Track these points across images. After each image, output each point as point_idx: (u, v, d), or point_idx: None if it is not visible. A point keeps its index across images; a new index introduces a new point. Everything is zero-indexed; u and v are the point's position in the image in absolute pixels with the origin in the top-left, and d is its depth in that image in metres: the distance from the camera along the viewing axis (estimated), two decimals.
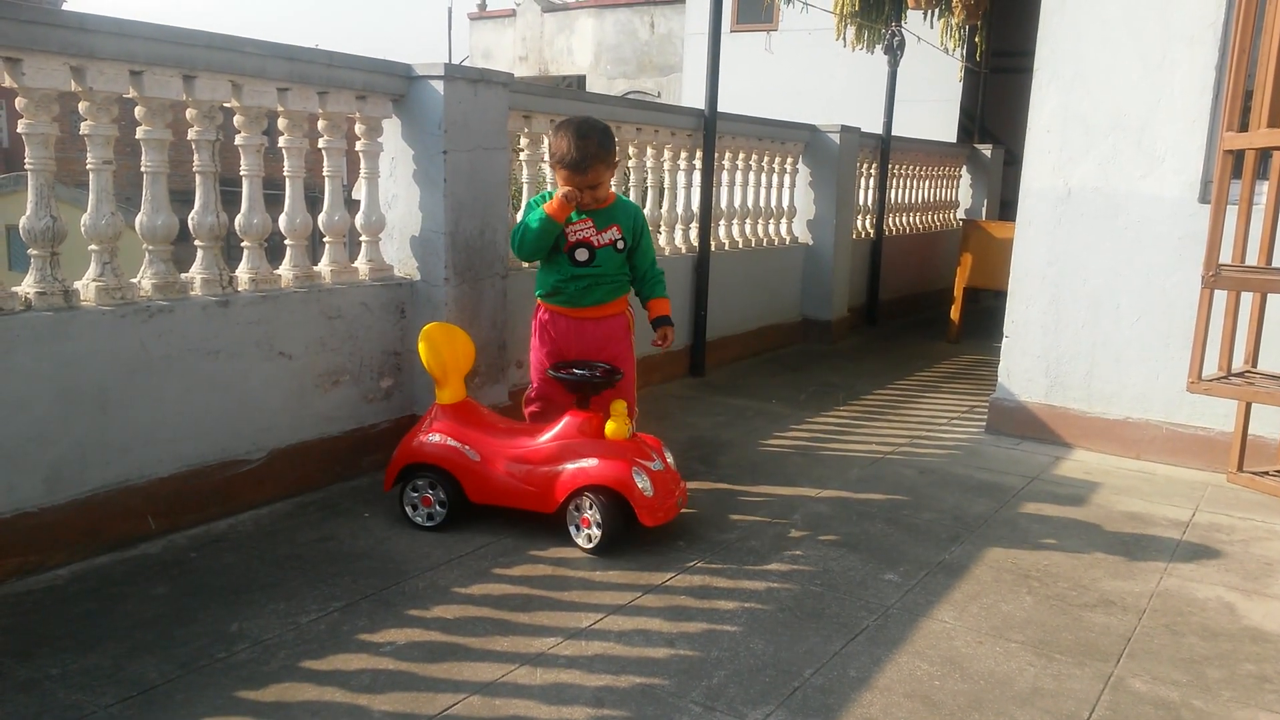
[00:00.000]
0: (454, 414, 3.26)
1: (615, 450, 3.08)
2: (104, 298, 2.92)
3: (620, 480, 3.02)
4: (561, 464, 3.11)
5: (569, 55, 21.43)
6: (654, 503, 3.04)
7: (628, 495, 3.01)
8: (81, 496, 2.84)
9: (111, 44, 2.83)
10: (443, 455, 3.20)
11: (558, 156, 3.27)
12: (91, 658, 2.32)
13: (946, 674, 2.42)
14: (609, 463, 3.05)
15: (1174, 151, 4.20)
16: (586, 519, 3.06)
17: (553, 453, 3.13)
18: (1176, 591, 2.98)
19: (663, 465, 3.16)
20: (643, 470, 3.05)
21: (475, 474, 3.18)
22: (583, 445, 3.11)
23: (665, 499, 3.10)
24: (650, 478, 3.06)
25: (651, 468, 3.09)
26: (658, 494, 3.06)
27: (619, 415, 3.13)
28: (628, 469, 3.02)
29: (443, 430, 3.23)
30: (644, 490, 3.02)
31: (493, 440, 3.21)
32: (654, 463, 3.12)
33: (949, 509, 3.62)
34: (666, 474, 3.17)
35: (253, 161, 3.38)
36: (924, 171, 9.03)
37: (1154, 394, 4.33)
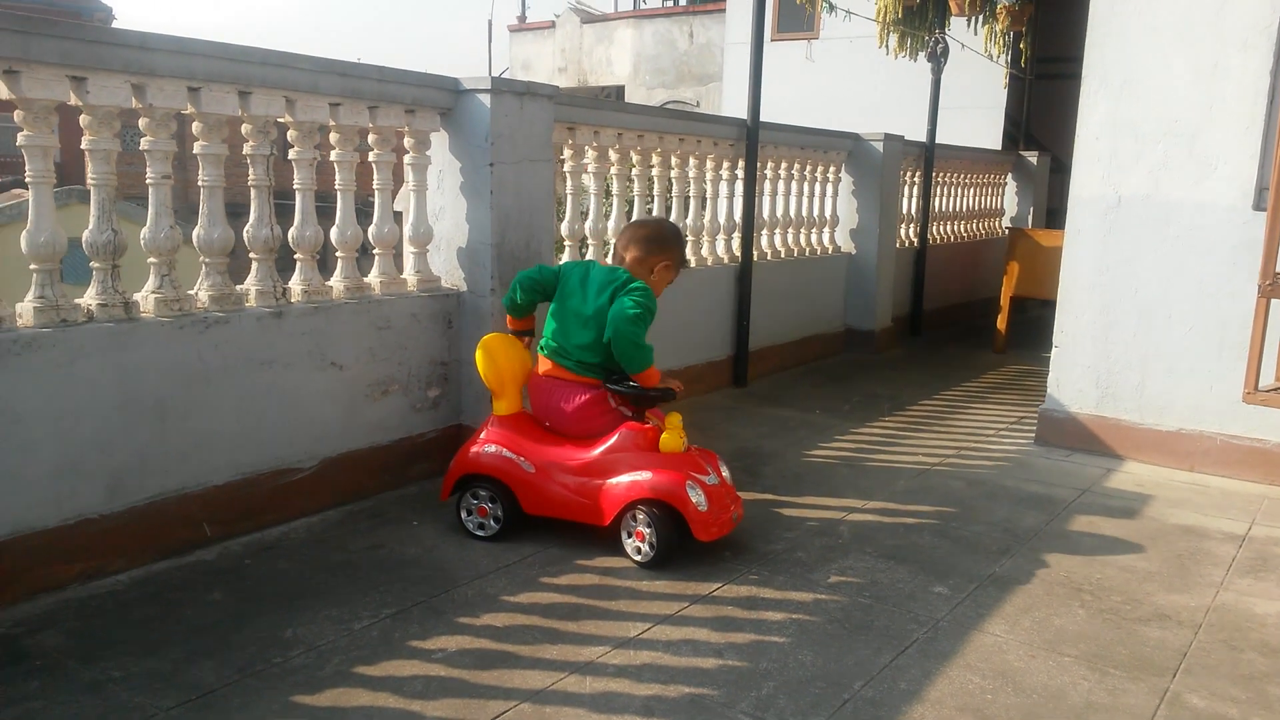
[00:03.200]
0: (510, 425, 3.27)
1: (670, 463, 3.06)
2: (163, 309, 2.99)
3: (674, 494, 3.00)
4: (615, 476, 3.09)
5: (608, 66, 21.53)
6: (708, 517, 3.02)
7: (681, 509, 2.99)
8: (141, 504, 2.90)
9: (171, 62, 2.90)
10: (497, 466, 3.21)
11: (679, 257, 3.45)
12: (152, 661, 2.37)
13: (999, 688, 2.40)
14: (663, 475, 3.03)
15: (1227, 158, 4.14)
16: (640, 533, 3.04)
17: (607, 465, 3.11)
18: (1234, 606, 2.92)
19: (718, 479, 3.13)
20: (697, 484, 3.02)
21: (530, 485, 3.18)
22: (637, 458, 3.09)
23: (720, 514, 3.07)
24: (705, 492, 3.03)
25: (707, 482, 3.06)
26: (712, 508, 3.03)
27: (674, 427, 3.12)
28: (682, 482, 3.00)
29: (498, 441, 3.24)
30: (698, 504, 3.00)
31: (547, 452, 3.20)
32: (709, 477, 3.08)
33: (999, 521, 3.58)
34: (722, 488, 3.13)
35: (306, 175, 3.44)
36: (969, 179, 8.95)
37: (1208, 405, 4.25)
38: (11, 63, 2.58)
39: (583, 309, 3.23)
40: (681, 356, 5.24)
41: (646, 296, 3.20)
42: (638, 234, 3.40)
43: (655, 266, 3.35)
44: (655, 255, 3.35)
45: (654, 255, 3.35)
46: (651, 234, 3.40)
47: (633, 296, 3.17)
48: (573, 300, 3.26)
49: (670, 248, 3.39)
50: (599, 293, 3.22)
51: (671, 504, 3.00)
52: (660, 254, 3.36)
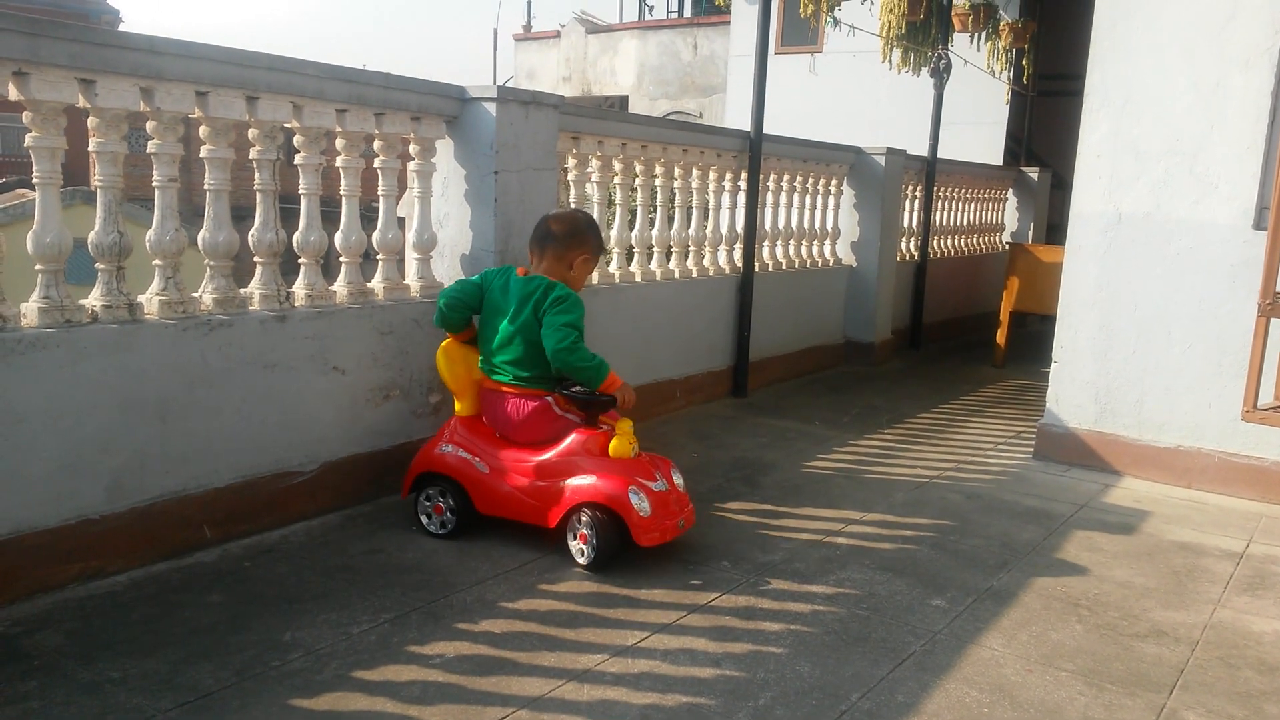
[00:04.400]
0: (468, 426, 3.34)
1: (616, 468, 3.08)
2: (167, 311, 3.00)
3: (616, 498, 3.02)
4: (563, 479, 3.12)
5: (612, 76, 21.59)
6: (650, 523, 3.04)
7: (623, 513, 3.01)
8: (141, 505, 2.91)
9: (179, 66, 2.91)
10: (453, 466, 3.27)
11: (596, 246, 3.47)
12: (150, 663, 2.37)
13: (995, 702, 2.40)
14: (607, 480, 3.06)
15: (1227, 178, 4.16)
16: (584, 534, 3.06)
17: (556, 468, 3.15)
18: (1231, 624, 2.93)
19: (666, 486, 3.14)
20: (641, 489, 3.04)
21: (483, 486, 3.23)
22: (585, 462, 3.12)
23: (664, 520, 3.08)
24: (650, 498, 3.04)
25: (653, 487, 3.08)
26: (656, 514, 3.05)
27: (624, 434, 3.14)
28: (625, 487, 3.02)
29: (456, 442, 3.31)
30: (640, 509, 3.01)
31: (501, 454, 3.25)
32: (656, 483, 3.11)
33: (996, 535, 3.59)
34: (669, 495, 3.14)
35: (311, 180, 3.46)
36: (970, 194, 8.98)
37: (1206, 422, 4.26)
38: (21, 64, 2.59)
39: (509, 324, 3.25)
40: (682, 366, 5.25)
41: (570, 308, 3.20)
42: (551, 230, 3.37)
43: (574, 261, 3.35)
44: (573, 250, 3.35)
45: (572, 250, 3.35)
46: (566, 229, 3.37)
47: (558, 317, 3.17)
48: (496, 315, 3.29)
49: (586, 239, 3.38)
50: (520, 307, 3.23)
51: (613, 508, 3.02)
52: (578, 248, 3.36)
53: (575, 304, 3.25)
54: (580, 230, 3.40)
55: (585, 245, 3.39)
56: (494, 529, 3.34)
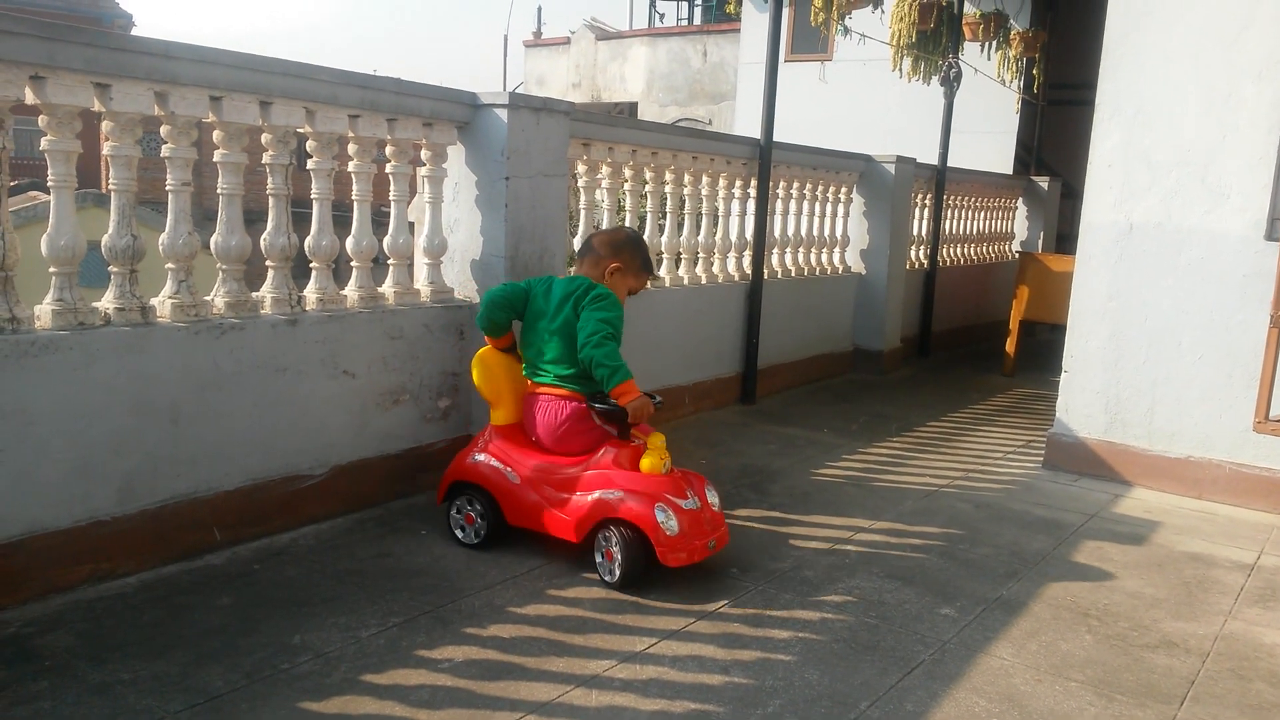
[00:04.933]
0: (503, 435, 3.30)
1: (645, 484, 3.01)
2: (179, 314, 3.01)
3: (642, 515, 2.94)
4: (591, 493, 3.06)
5: (621, 82, 21.63)
6: (677, 542, 2.95)
7: (648, 532, 2.93)
8: (152, 507, 2.92)
9: (194, 70, 2.93)
10: (485, 475, 3.24)
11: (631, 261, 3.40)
12: (160, 664, 2.38)
13: (1005, 711, 2.40)
14: (634, 496, 2.99)
15: (1239, 188, 4.15)
16: (610, 552, 2.99)
17: (585, 481, 3.09)
18: (1242, 635, 2.91)
19: (698, 504, 3.05)
20: (669, 507, 2.96)
21: (513, 496, 3.19)
22: (614, 476, 3.05)
23: (693, 539, 2.99)
24: (678, 516, 2.96)
25: (682, 505, 2.99)
26: (684, 534, 2.96)
27: (655, 448, 3.07)
28: (651, 504, 2.95)
29: (490, 451, 3.27)
30: (667, 528, 2.93)
31: (533, 464, 3.20)
32: (687, 501, 3.02)
33: (1006, 544, 3.58)
34: (701, 514, 3.05)
35: (323, 185, 3.47)
36: (980, 203, 8.97)
37: (1217, 433, 4.25)
38: (38, 69, 2.61)
39: (550, 324, 3.25)
40: (691, 373, 5.25)
41: (608, 307, 3.20)
42: (591, 241, 3.46)
43: (605, 269, 3.35)
44: (606, 258, 3.36)
45: (605, 258, 3.36)
46: (605, 240, 3.43)
47: (595, 312, 3.17)
48: (540, 316, 3.28)
49: (621, 252, 3.38)
50: (561, 305, 3.24)
51: (639, 526, 2.94)
52: (610, 256, 3.36)
53: (615, 304, 3.25)
54: (618, 242, 3.42)
55: (619, 256, 3.38)
56: (505, 535, 3.35)
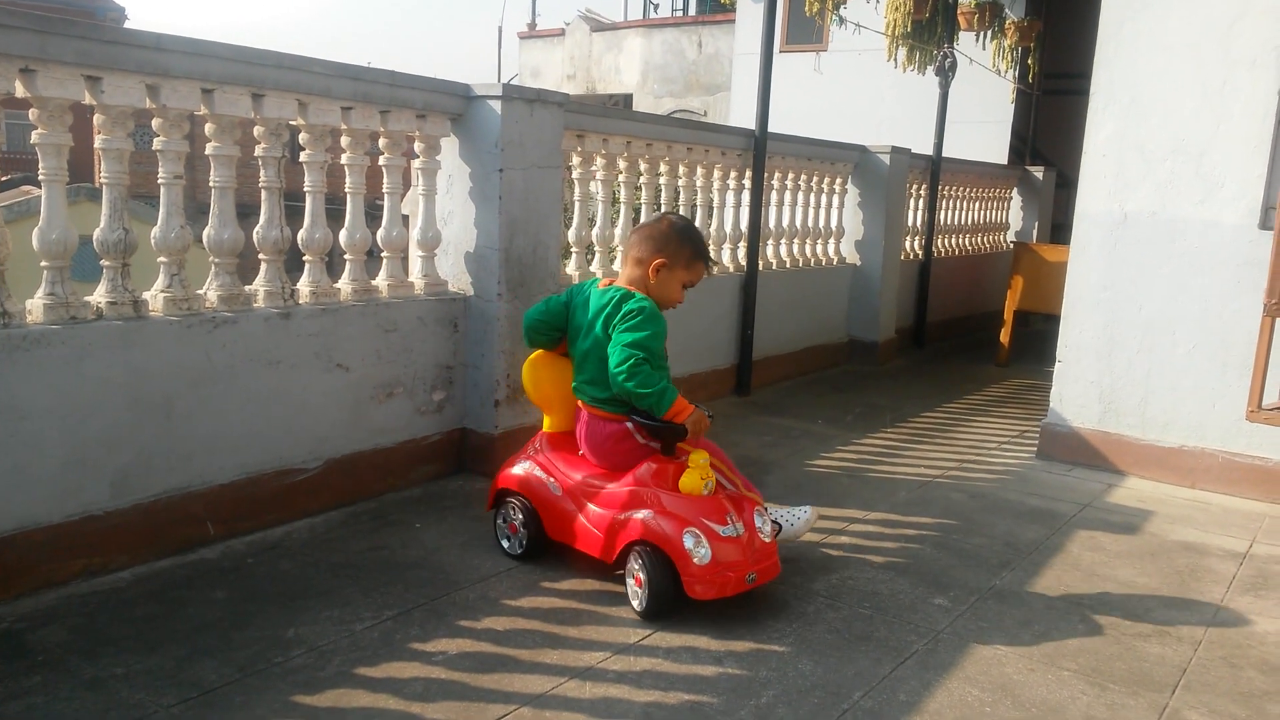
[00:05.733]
0: (551, 444, 3.13)
1: (679, 506, 2.76)
2: (171, 308, 3.01)
3: (669, 540, 2.70)
4: (626, 511, 2.83)
5: (616, 74, 21.58)
6: (706, 573, 2.67)
7: (674, 559, 2.69)
8: (145, 501, 2.92)
9: (186, 63, 2.92)
10: (527, 485, 3.08)
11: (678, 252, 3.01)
12: (154, 659, 2.38)
13: (998, 700, 2.41)
14: (665, 519, 2.74)
15: (1234, 177, 4.15)
16: (639, 577, 2.76)
17: (622, 498, 2.87)
18: (1234, 624, 2.93)
19: (740, 531, 2.74)
20: (703, 534, 2.68)
21: (554, 509, 3.02)
22: (651, 494, 2.81)
23: (726, 571, 2.69)
24: (713, 544, 2.67)
25: (719, 531, 2.70)
26: (716, 564, 2.67)
27: (696, 466, 2.81)
28: (680, 529, 2.70)
29: (535, 459, 3.11)
30: (696, 556, 2.66)
31: (575, 477, 3.00)
32: (727, 527, 2.72)
33: (1000, 534, 3.58)
34: (742, 542, 2.73)
35: (316, 178, 3.46)
36: (974, 193, 8.96)
37: (1210, 422, 4.26)
38: (29, 61, 2.60)
39: (583, 341, 3.01)
40: (686, 364, 5.25)
41: (641, 324, 2.86)
42: (635, 234, 3.09)
43: (650, 267, 2.97)
44: (651, 254, 2.98)
45: (650, 254, 2.98)
46: (646, 233, 3.04)
47: (623, 335, 2.85)
48: (578, 332, 3.04)
49: (665, 245, 2.99)
50: (592, 322, 2.98)
51: (666, 550, 2.71)
52: (655, 252, 2.98)
53: (649, 319, 2.87)
54: (660, 233, 3.02)
55: (662, 250, 2.98)
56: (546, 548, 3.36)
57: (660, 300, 2.99)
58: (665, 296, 3.00)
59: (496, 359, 3.85)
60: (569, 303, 3.10)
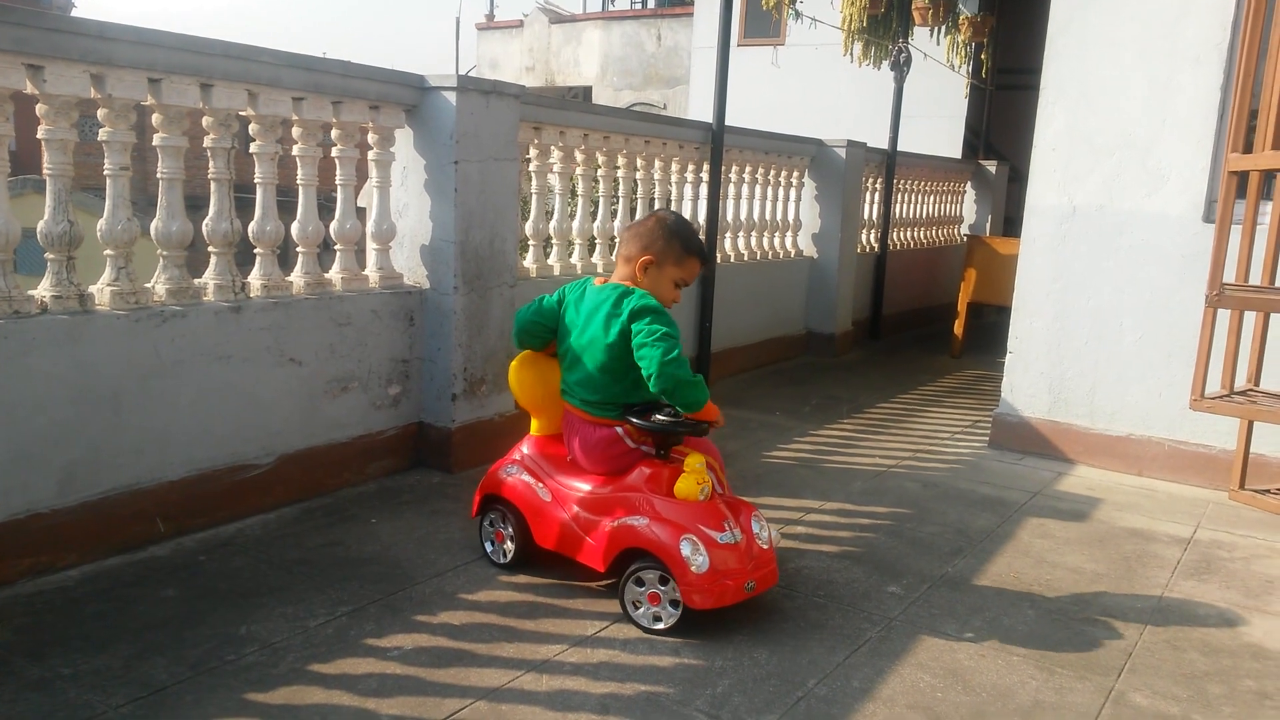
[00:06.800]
0: (538, 447, 3.01)
1: (675, 512, 2.65)
2: (119, 302, 2.96)
3: (664, 547, 2.60)
4: (618, 518, 2.73)
5: (575, 66, 21.53)
6: (704, 582, 2.56)
7: (671, 567, 2.59)
8: (93, 498, 2.87)
9: (131, 52, 2.87)
10: (514, 490, 2.96)
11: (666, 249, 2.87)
12: (102, 658, 2.34)
13: (949, 686, 2.44)
14: (660, 524, 2.64)
15: (1179, 171, 4.24)
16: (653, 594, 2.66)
17: (614, 503, 2.76)
18: (1178, 607, 3.00)
19: (738, 538, 2.66)
20: (700, 541, 2.58)
21: (543, 515, 2.89)
22: (644, 500, 2.71)
23: (724, 579, 2.60)
24: (710, 551, 2.58)
25: (717, 539, 2.60)
26: (713, 573, 2.57)
27: (692, 470, 2.69)
28: (677, 535, 2.60)
29: (522, 463, 3.00)
30: (692, 564, 2.56)
31: (565, 481, 2.90)
32: (723, 534, 2.63)
33: (952, 523, 3.64)
34: (740, 549, 2.65)
35: (267, 169, 3.42)
36: (929, 187, 9.07)
37: (1157, 411, 4.35)
38: None
39: (579, 338, 2.86)
40: None
41: (659, 319, 2.73)
42: (625, 232, 2.97)
43: (638, 264, 2.86)
44: (639, 251, 2.86)
45: (638, 252, 2.87)
46: (636, 229, 2.92)
47: (650, 326, 2.70)
48: (570, 330, 2.90)
49: (652, 241, 2.86)
50: (589, 319, 2.83)
51: (661, 558, 2.61)
52: (642, 249, 2.86)
53: (664, 311, 2.78)
54: (648, 229, 2.89)
55: (649, 247, 2.85)
56: (457, 520, 3.34)
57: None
58: (657, 295, 2.84)
59: (453, 352, 3.83)
60: (561, 300, 2.98)
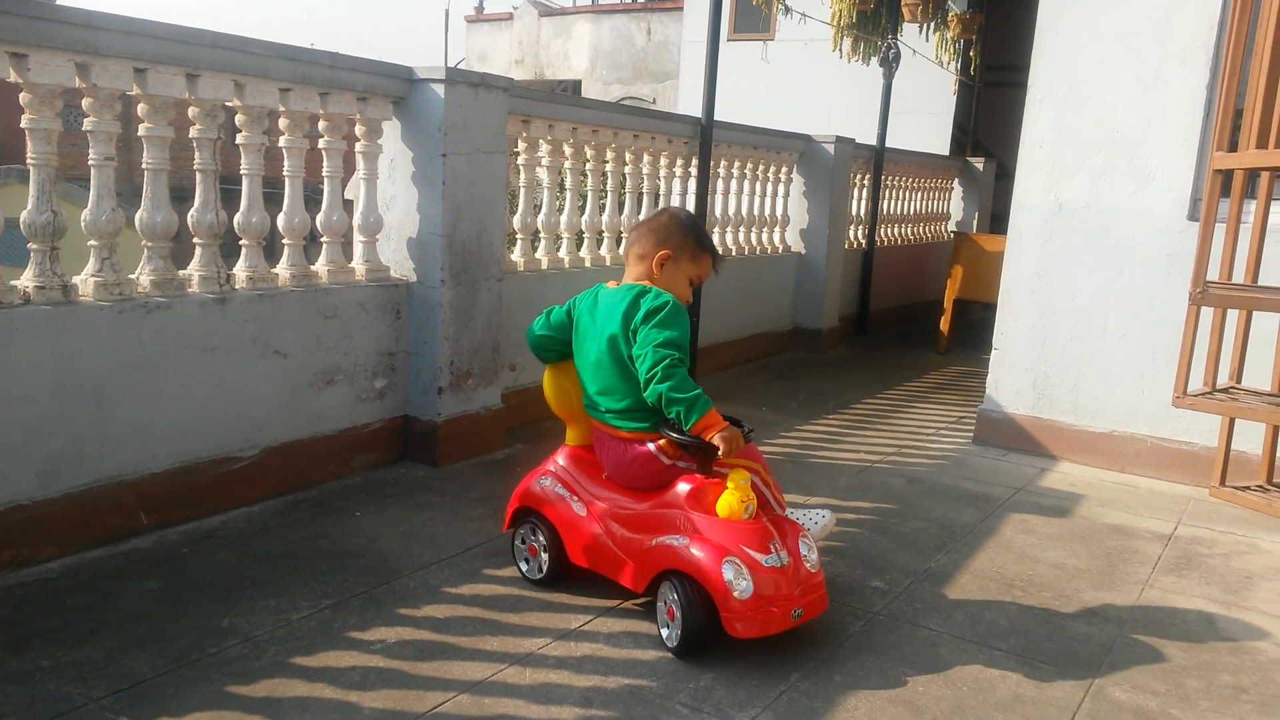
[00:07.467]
0: (573, 458, 2.87)
1: (717, 531, 2.48)
2: (102, 293, 2.94)
3: (705, 571, 2.43)
4: (657, 536, 2.57)
5: (565, 60, 21.48)
6: (747, 608, 2.40)
7: (712, 592, 2.42)
8: (75, 490, 2.85)
9: (117, 41, 2.85)
10: (548, 502, 2.82)
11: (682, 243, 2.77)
12: (83, 651, 2.33)
13: (930, 680, 2.46)
14: (700, 545, 2.47)
15: (1165, 169, 4.26)
16: (671, 610, 2.50)
17: (653, 521, 2.60)
18: (1158, 603, 3.02)
19: (785, 560, 2.48)
20: (743, 564, 2.41)
21: (577, 530, 2.74)
22: (685, 518, 2.54)
23: (769, 605, 2.43)
24: (755, 575, 2.41)
25: (762, 561, 2.43)
26: (757, 599, 2.41)
27: (736, 488, 2.51)
28: (719, 558, 2.43)
29: (557, 474, 2.85)
30: (736, 590, 2.39)
31: (601, 495, 2.75)
32: (769, 556, 2.45)
33: (935, 518, 3.66)
34: (788, 573, 2.48)
35: (253, 160, 3.40)
36: (917, 183, 9.09)
37: (1140, 408, 4.38)
38: None
39: (596, 344, 2.72)
40: None
41: (666, 322, 2.60)
42: (635, 230, 2.86)
43: (655, 260, 2.74)
44: (654, 247, 2.76)
45: (654, 248, 2.76)
46: (649, 226, 2.82)
47: (652, 333, 2.59)
48: (584, 341, 2.77)
49: (668, 236, 2.76)
50: (605, 322, 2.70)
51: (701, 582, 2.44)
52: (659, 245, 2.76)
53: (676, 313, 2.63)
54: (662, 225, 2.79)
55: (665, 242, 2.75)
56: (442, 514, 3.34)
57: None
58: (672, 292, 2.73)
59: (440, 346, 3.82)
60: (571, 309, 2.85)
